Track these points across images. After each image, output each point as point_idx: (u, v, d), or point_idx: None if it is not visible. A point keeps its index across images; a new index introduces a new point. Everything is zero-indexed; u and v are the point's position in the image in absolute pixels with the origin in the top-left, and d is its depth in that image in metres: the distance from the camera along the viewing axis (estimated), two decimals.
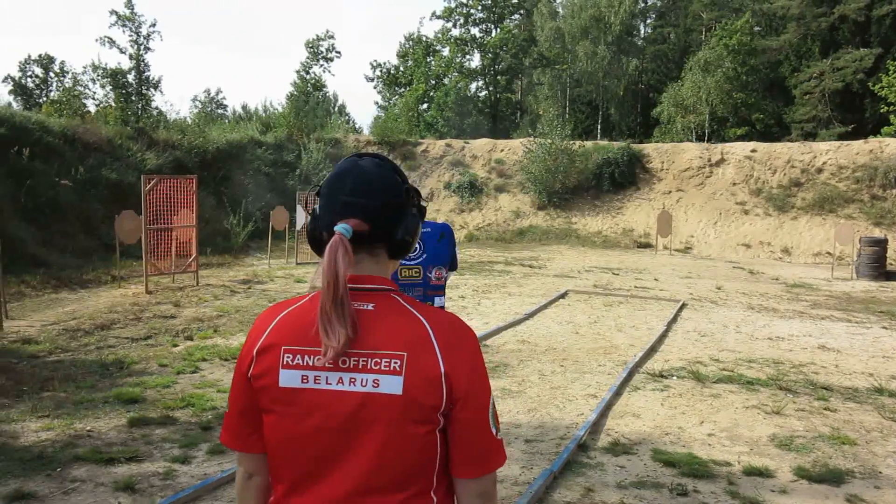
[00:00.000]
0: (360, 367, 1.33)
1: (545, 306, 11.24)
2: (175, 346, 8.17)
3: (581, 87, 46.94)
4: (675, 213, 23.05)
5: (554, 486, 4.37)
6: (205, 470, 4.58)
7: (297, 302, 1.44)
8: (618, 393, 6.41)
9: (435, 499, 1.37)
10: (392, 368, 1.31)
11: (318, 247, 1.44)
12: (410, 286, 3.42)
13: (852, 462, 4.90)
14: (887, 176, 21.98)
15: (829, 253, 20.41)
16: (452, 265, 3.58)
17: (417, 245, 3.08)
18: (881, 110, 32.09)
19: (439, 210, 26.36)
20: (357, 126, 43.44)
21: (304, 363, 1.34)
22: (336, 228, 1.38)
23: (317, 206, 1.48)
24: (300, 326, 1.38)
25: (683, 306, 11.72)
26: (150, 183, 12.35)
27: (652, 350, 8.32)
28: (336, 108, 59.41)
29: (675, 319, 10.44)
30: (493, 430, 1.38)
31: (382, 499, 1.33)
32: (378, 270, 1.45)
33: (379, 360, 1.32)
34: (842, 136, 29.91)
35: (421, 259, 3.45)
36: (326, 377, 1.33)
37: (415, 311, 1.39)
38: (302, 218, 17.02)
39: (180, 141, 21.84)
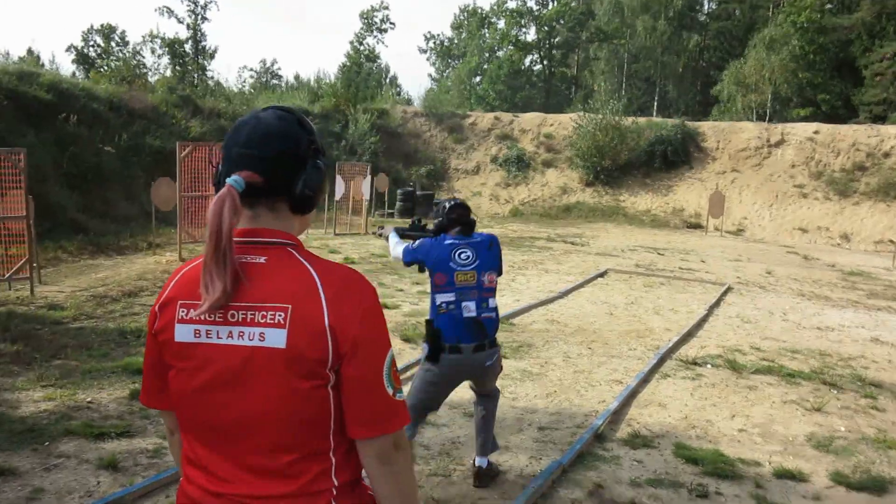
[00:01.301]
0: (248, 320, 1.30)
1: (581, 285, 10.81)
2: None
3: (639, 63, 45.63)
4: (728, 194, 22.16)
5: (561, 481, 4.03)
6: None
7: (201, 258, 1.40)
8: (645, 380, 6.00)
9: (334, 460, 1.35)
10: (276, 321, 1.29)
11: None
12: (467, 289, 3.72)
13: None
14: None
15: (891, 241, 19.35)
16: (500, 271, 3.90)
17: (471, 252, 3.75)
18: None
19: (485, 184, 25.96)
20: (409, 98, 42.91)
21: (197, 317, 1.33)
22: (227, 180, 1.34)
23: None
24: (195, 281, 1.35)
25: (728, 290, 11.15)
26: (185, 150, 12.25)
27: (688, 335, 7.85)
28: (388, 80, 59.23)
29: (717, 304, 9.91)
30: (389, 390, 1.33)
31: (276, 457, 1.31)
32: (278, 225, 1.40)
33: (265, 314, 1.30)
34: None
35: (475, 265, 3.75)
36: (217, 331, 1.32)
37: (307, 264, 1.35)
38: (341, 188, 16.85)
39: (225, 109, 21.85)
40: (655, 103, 43.55)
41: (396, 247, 4.08)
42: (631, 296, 10.19)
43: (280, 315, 1.29)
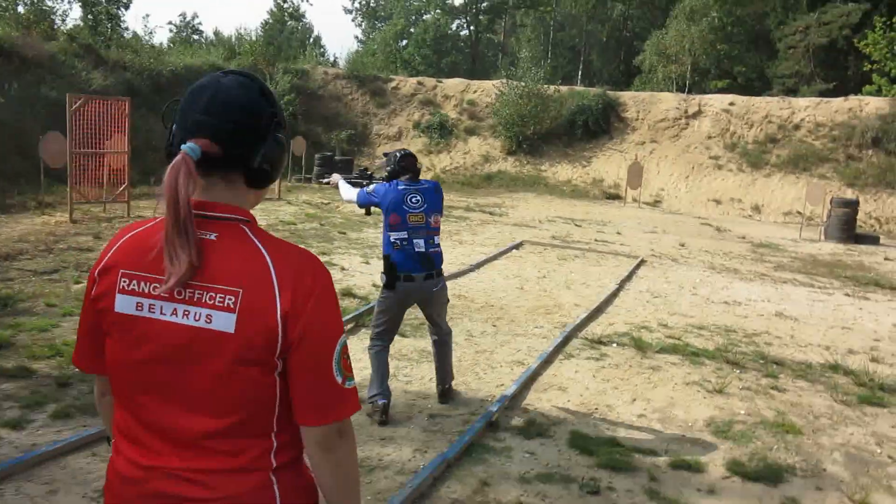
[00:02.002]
0: (195, 299, 1.26)
1: (494, 258, 10.56)
2: (78, 282, 7.38)
3: (564, 32, 45.59)
4: (647, 165, 22.34)
5: (444, 478, 3.73)
6: (36, 439, 3.87)
7: (144, 224, 1.37)
8: (548, 361, 5.77)
9: (276, 441, 1.31)
10: (226, 304, 1.24)
11: None
12: (417, 228, 4.35)
13: (794, 456, 4.31)
14: (864, 136, 21.38)
15: (799, 212, 19.91)
16: (441, 213, 4.56)
17: (420, 197, 4.36)
18: (864, 68, 31.32)
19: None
20: (335, 60, 41.67)
21: (140, 290, 1.29)
22: (182, 147, 1.28)
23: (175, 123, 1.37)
24: (140, 250, 1.31)
25: (641, 263, 11.11)
26: (76, 102, 11.33)
27: (597, 311, 7.69)
28: (311, 41, 57.56)
29: (629, 277, 9.82)
30: (338, 377, 1.30)
31: (214, 435, 1.27)
32: (231, 198, 1.35)
33: (214, 294, 1.25)
34: (823, 94, 29.13)
35: (423, 208, 4.37)
36: (161, 307, 1.28)
37: (259, 244, 1.30)
38: None
39: (132, 61, 20.56)
40: (580, 72, 43.68)
41: (349, 191, 4.65)
42: (544, 269, 10.00)
43: (230, 299, 1.24)
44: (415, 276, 4.37)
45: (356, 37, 68.22)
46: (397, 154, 4.53)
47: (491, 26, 52.10)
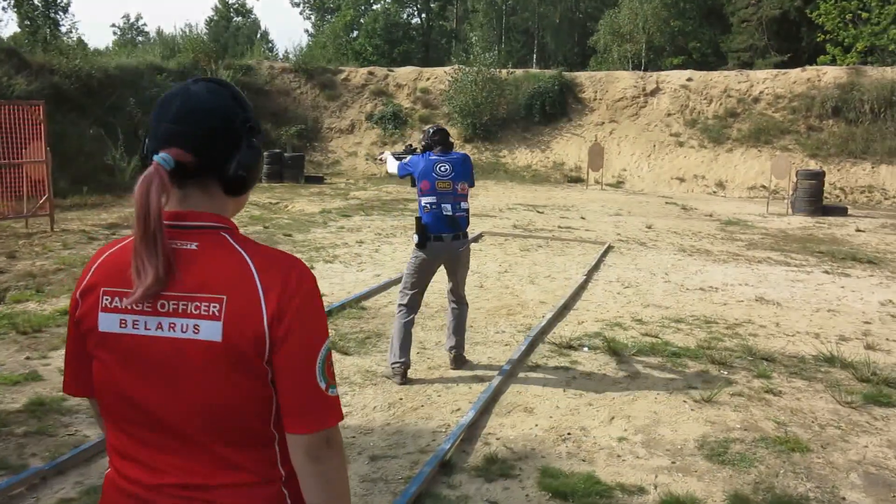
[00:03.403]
0: (180, 311, 1.23)
1: None
2: None
3: (517, 15, 44.89)
4: (607, 146, 21.75)
5: None
6: None
7: (124, 241, 1.34)
8: (511, 374, 5.02)
9: (278, 449, 1.28)
10: (211, 313, 1.22)
11: None
12: (445, 194, 4.82)
13: (805, 482, 3.62)
14: (824, 106, 21.03)
15: (763, 186, 19.50)
16: (471, 182, 5.01)
17: (448, 167, 4.87)
18: (817, 39, 31.16)
19: (360, 143, 24.55)
20: (287, 55, 40.33)
21: (123, 306, 1.26)
22: (154, 158, 1.26)
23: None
24: (119, 267, 1.28)
25: (609, 250, 10.44)
26: None
27: (565, 308, 6.98)
28: (259, 36, 56.18)
29: (597, 266, 9.14)
30: (322, 385, 1.25)
31: (217, 447, 1.24)
32: (210, 206, 1.32)
33: (199, 304, 1.22)
34: (778, 66, 28.89)
35: (451, 176, 4.85)
36: (145, 322, 1.24)
37: (241, 250, 1.28)
38: None
39: (59, 65, 19.31)
40: (535, 56, 43.08)
41: (392, 165, 5.29)
42: (505, 262, 9.27)
43: (215, 306, 1.22)
44: (443, 237, 4.82)
45: (306, 30, 66.83)
46: (430, 130, 5.08)
47: (443, 13, 51.21)
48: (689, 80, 23.41)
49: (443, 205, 4.81)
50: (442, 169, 4.85)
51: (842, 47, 30.03)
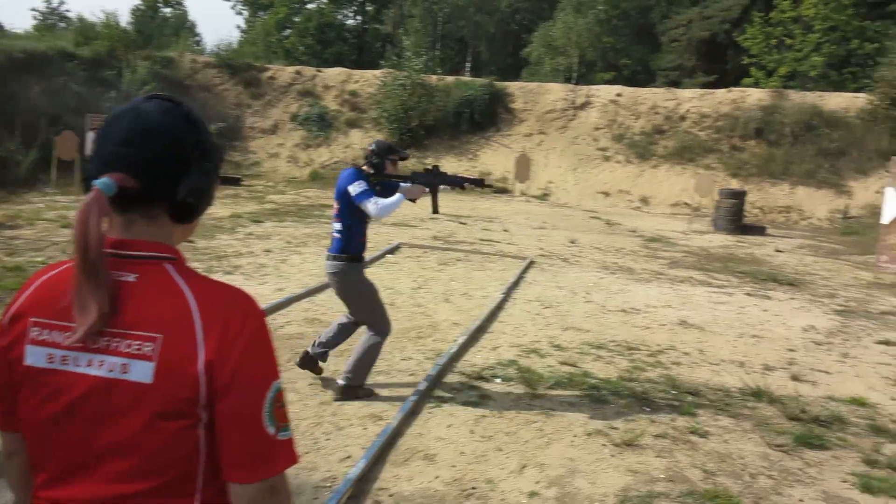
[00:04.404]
0: (111, 348, 1.15)
1: (365, 265, 9.18)
2: None
3: (452, 23, 44.66)
4: (535, 158, 21.52)
5: None
6: None
7: (59, 267, 1.26)
8: (413, 411, 4.46)
9: (199, 499, 1.19)
10: (143, 352, 1.14)
11: None
12: (335, 215, 4.54)
13: None
14: (747, 127, 21.35)
15: (686, 203, 19.59)
16: (348, 198, 4.43)
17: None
18: (743, 62, 31.91)
19: (283, 144, 23.65)
20: (211, 49, 38.87)
21: (52, 340, 1.17)
22: (95, 183, 1.17)
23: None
24: (53, 296, 1.20)
25: (530, 265, 10.03)
26: None
27: (480, 331, 6.47)
28: (186, 28, 54.37)
29: (517, 284, 8.70)
30: (271, 429, 1.17)
31: (134, 494, 1.16)
32: (155, 235, 1.24)
33: (131, 342, 1.15)
34: (704, 86, 29.40)
35: (336, 195, 4.56)
36: (75, 358, 1.16)
37: (183, 285, 1.20)
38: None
39: None
40: (468, 64, 42.93)
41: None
42: (421, 277, 8.72)
43: (148, 346, 1.14)
44: (328, 256, 4.59)
45: (238, 26, 65.01)
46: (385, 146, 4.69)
47: (379, 16, 50.53)
48: (619, 95, 23.46)
49: (334, 224, 4.58)
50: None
51: (766, 71, 30.82)
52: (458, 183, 4.76)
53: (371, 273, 8.62)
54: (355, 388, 4.60)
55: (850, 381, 5.74)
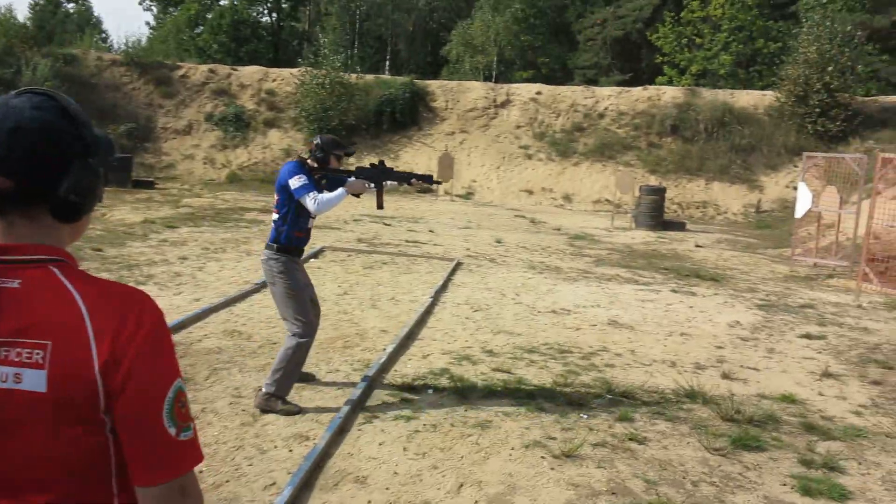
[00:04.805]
0: (1, 357, 1.09)
1: (297, 261, 8.82)
2: None
3: (370, 21, 44.19)
4: (458, 156, 21.46)
5: None
6: None
7: None
8: (342, 430, 4.19)
9: None
10: (34, 360, 1.09)
11: None
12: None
13: None
14: (664, 124, 21.87)
15: (607, 200, 19.90)
16: (287, 192, 4.44)
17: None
18: (656, 60, 32.75)
19: (198, 145, 22.83)
20: (118, 46, 37.18)
21: None
22: None
23: None
24: None
25: (458, 267, 9.87)
26: None
27: (409, 338, 6.25)
28: (91, 25, 52.05)
29: (445, 286, 8.51)
30: (171, 430, 1.12)
31: None
32: (38, 237, 1.17)
33: (21, 351, 1.09)
34: (620, 84, 30.02)
35: (276, 189, 4.58)
36: None
37: (70, 288, 1.14)
38: None
39: None
40: (387, 62, 42.59)
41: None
42: (346, 282, 8.43)
43: (38, 353, 1.09)
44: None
45: (147, 23, 62.62)
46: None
47: (294, 14, 49.55)
48: (539, 93, 23.64)
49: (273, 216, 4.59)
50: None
51: (678, 69, 31.68)
52: (405, 179, 4.72)
53: None
54: (277, 399, 4.39)
55: (778, 378, 5.79)
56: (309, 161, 4.53)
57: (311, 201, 4.33)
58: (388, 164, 16.87)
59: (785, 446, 4.34)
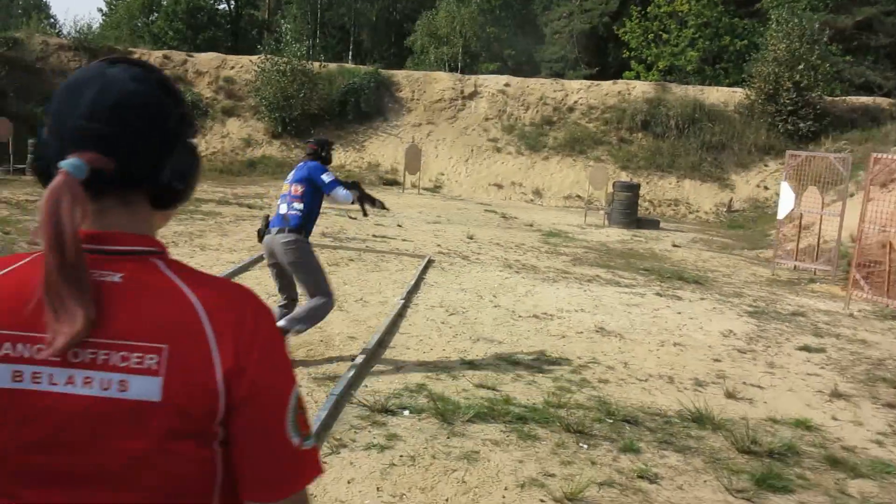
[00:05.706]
0: (100, 362, 0.93)
1: (246, 268, 8.10)
2: None
3: (332, 10, 43.22)
4: (425, 148, 20.77)
5: None
6: None
7: (14, 262, 0.99)
8: None
9: None
10: (146, 367, 0.93)
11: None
12: (283, 195, 5.25)
13: None
14: (634, 119, 21.47)
15: (579, 196, 19.44)
16: (313, 184, 5.16)
17: (292, 173, 5.33)
18: (623, 55, 32.44)
19: None
20: (68, 32, 35.59)
21: (17, 354, 0.93)
22: (61, 165, 0.93)
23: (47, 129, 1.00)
24: (13, 300, 0.94)
25: (429, 264, 9.23)
26: None
27: (380, 346, 5.60)
28: (37, 9, 50.09)
29: (417, 286, 7.87)
30: (295, 439, 0.99)
31: None
32: (134, 225, 1.01)
33: (128, 355, 0.93)
34: (588, 78, 29.63)
35: (289, 180, 5.26)
36: (51, 375, 0.93)
37: (181, 284, 0.98)
38: None
39: None
40: (350, 53, 41.71)
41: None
42: None
43: (152, 358, 0.93)
44: (271, 230, 5.09)
45: (99, 9, 60.52)
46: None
47: (254, 1, 48.29)
48: (507, 85, 23.08)
49: (280, 204, 5.20)
50: (289, 175, 5.29)
51: (645, 65, 31.41)
52: (370, 202, 5.44)
53: (254, 278, 7.59)
54: (286, 332, 4.92)
55: (786, 398, 5.27)
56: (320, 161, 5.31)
57: (342, 191, 5.11)
58: (353, 155, 16.23)
59: (813, 486, 3.79)
